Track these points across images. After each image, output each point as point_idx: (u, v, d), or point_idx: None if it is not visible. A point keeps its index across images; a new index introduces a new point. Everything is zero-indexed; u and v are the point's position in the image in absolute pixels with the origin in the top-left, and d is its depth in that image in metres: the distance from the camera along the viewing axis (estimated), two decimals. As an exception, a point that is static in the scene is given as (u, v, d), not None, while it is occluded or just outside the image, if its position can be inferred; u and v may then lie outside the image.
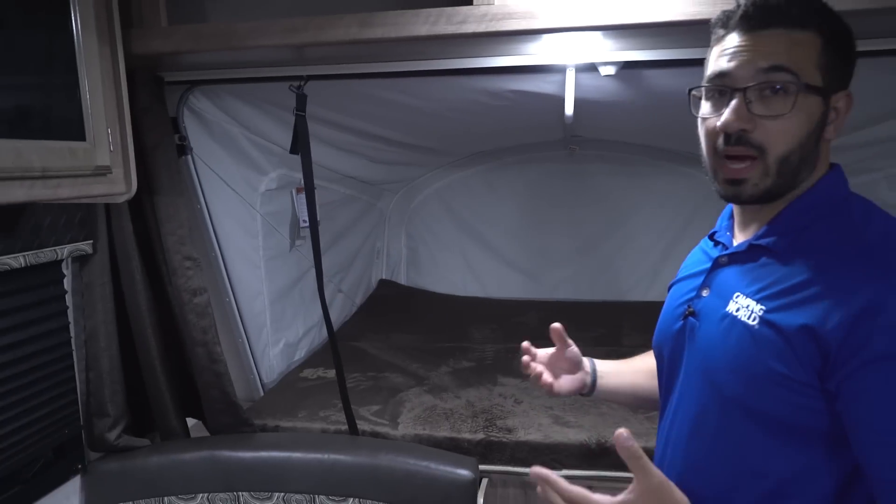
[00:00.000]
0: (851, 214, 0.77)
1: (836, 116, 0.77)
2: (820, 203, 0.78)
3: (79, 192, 1.14)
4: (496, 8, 1.13)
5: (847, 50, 0.77)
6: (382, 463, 1.57)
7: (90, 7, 1.13)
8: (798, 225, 0.77)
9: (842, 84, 0.77)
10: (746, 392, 0.76)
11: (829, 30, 0.75)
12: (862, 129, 1.87)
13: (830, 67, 0.74)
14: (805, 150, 0.76)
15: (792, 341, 0.71)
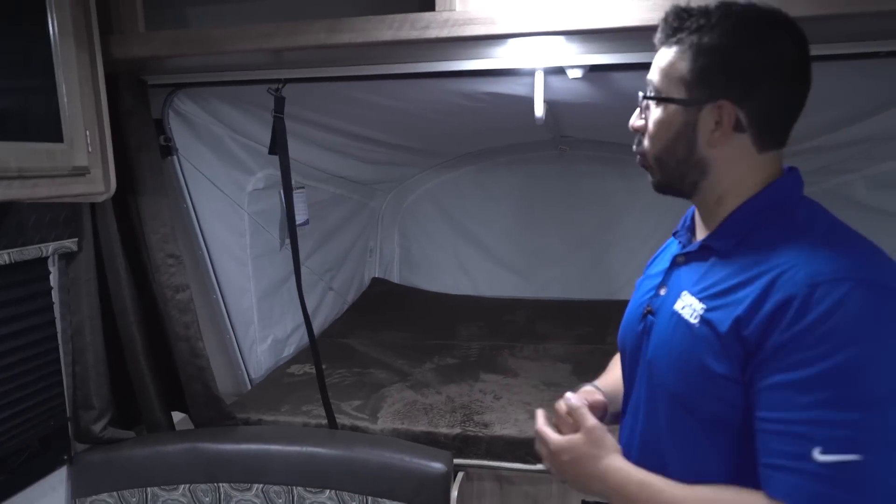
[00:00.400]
0: (795, 217, 0.78)
1: (719, 125, 0.78)
2: (767, 206, 0.79)
3: (57, 192, 1.18)
4: (458, 14, 1.17)
5: (722, 61, 0.77)
6: (359, 456, 1.62)
7: (67, 13, 1.17)
8: (744, 228, 0.80)
9: (723, 94, 0.77)
10: (686, 389, 0.79)
11: (700, 46, 0.77)
12: (837, 130, 1.90)
13: (700, 81, 0.78)
14: (678, 155, 0.81)
15: (724, 340, 0.74)
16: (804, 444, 0.66)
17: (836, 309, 0.67)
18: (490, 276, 3.52)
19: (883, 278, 0.69)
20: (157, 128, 1.75)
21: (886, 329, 0.67)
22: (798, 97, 0.79)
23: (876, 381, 0.65)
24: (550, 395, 2.01)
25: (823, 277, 0.69)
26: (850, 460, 0.64)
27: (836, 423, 0.65)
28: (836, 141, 1.99)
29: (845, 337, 0.66)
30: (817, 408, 0.66)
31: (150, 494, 1.65)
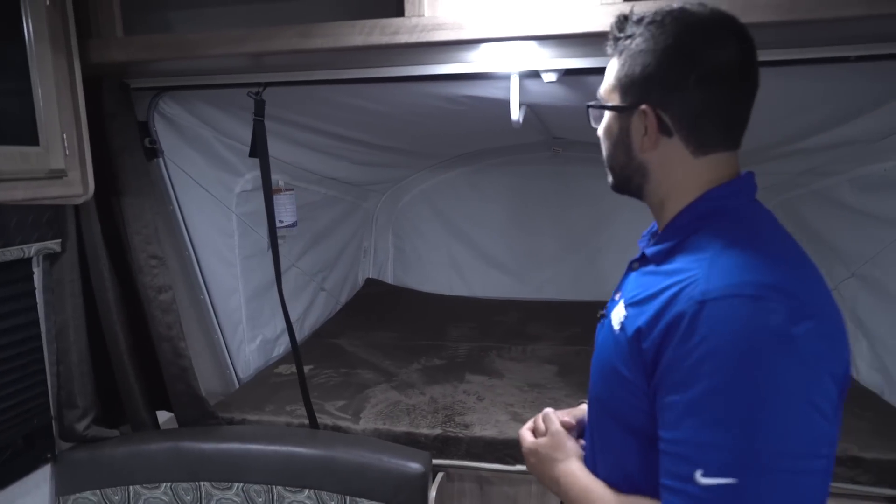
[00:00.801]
0: (717, 230, 0.76)
1: (647, 131, 0.78)
2: (702, 213, 0.78)
3: (33, 194, 1.20)
4: (426, 20, 1.18)
5: (648, 72, 0.76)
6: (338, 456, 1.63)
7: (43, 18, 1.19)
8: (678, 234, 0.79)
9: (645, 99, 0.77)
10: (605, 392, 0.82)
11: (628, 53, 0.78)
12: (821, 132, 1.90)
13: (627, 87, 0.79)
14: (619, 160, 0.84)
15: (631, 345, 0.75)
16: (688, 466, 0.65)
17: (720, 327, 0.65)
18: (484, 277, 3.53)
19: (774, 295, 0.66)
20: (143, 130, 1.77)
21: (767, 351, 0.64)
22: (731, 100, 0.77)
23: (750, 402, 0.63)
24: (533, 396, 2.02)
25: (713, 294, 0.67)
26: (726, 483, 0.63)
27: (715, 445, 0.64)
28: (822, 143, 1.99)
29: (725, 357, 0.64)
30: (699, 429, 0.65)
31: (133, 493, 1.67)
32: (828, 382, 0.66)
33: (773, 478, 0.62)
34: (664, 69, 0.75)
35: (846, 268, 2.15)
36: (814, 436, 0.64)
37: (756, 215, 0.78)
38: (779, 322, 0.64)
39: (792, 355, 0.64)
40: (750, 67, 0.77)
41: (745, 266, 0.69)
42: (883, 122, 1.72)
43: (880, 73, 1.37)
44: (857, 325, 2.08)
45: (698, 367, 0.65)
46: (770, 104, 1.75)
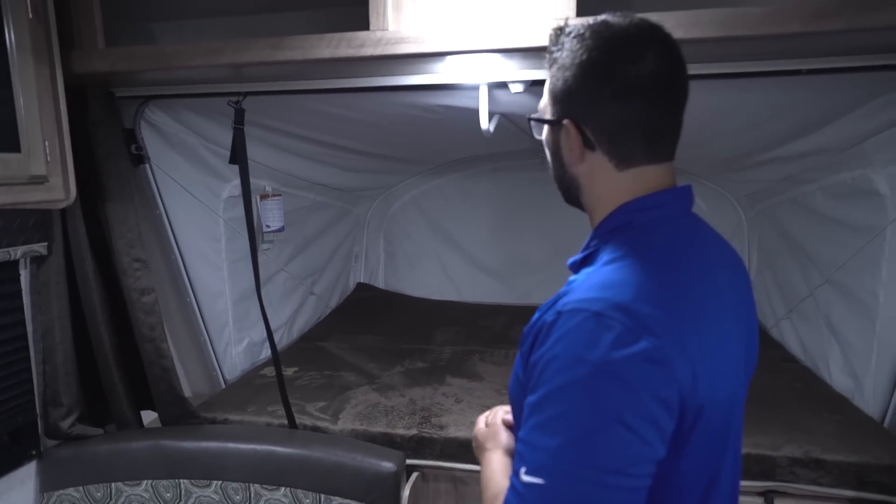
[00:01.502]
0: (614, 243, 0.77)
1: (568, 144, 0.80)
2: (614, 227, 0.79)
3: (14, 199, 1.26)
4: (390, 34, 1.23)
5: (570, 79, 0.77)
6: (313, 455, 1.67)
7: (25, 30, 1.25)
8: (590, 247, 0.82)
9: (568, 113, 0.79)
10: (511, 393, 0.85)
11: (558, 65, 0.79)
12: (789, 142, 1.94)
13: (557, 102, 0.80)
14: (557, 171, 0.86)
15: (523, 348, 0.78)
16: (519, 462, 0.69)
17: (562, 338, 0.68)
18: (473, 282, 3.57)
19: (618, 312, 0.67)
20: (130, 137, 1.83)
21: (591, 368, 0.65)
22: (651, 113, 0.75)
23: (569, 412, 0.66)
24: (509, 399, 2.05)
25: (568, 307, 0.70)
26: (537, 483, 0.66)
27: (537, 446, 0.67)
28: (793, 151, 2.03)
29: (559, 367, 0.67)
30: (532, 429, 0.69)
31: (115, 489, 1.71)
32: (649, 404, 0.66)
33: (576, 486, 0.65)
34: (581, 83, 0.76)
35: (820, 274, 2.19)
36: (624, 454, 0.65)
37: (659, 231, 0.78)
38: (608, 341, 0.66)
39: (611, 376, 0.65)
40: (673, 78, 0.76)
41: (607, 283, 0.71)
42: (846, 132, 1.76)
43: (831, 85, 1.42)
44: (830, 331, 2.12)
45: (542, 373, 0.69)
46: (730, 115, 1.82)
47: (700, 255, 0.79)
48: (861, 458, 1.57)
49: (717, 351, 0.74)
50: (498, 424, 0.97)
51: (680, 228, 0.80)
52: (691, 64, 1.26)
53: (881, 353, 1.82)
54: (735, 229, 3.12)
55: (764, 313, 2.86)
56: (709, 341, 0.72)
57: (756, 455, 1.61)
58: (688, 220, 0.82)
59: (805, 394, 2.03)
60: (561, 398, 0.67)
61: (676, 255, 0.76)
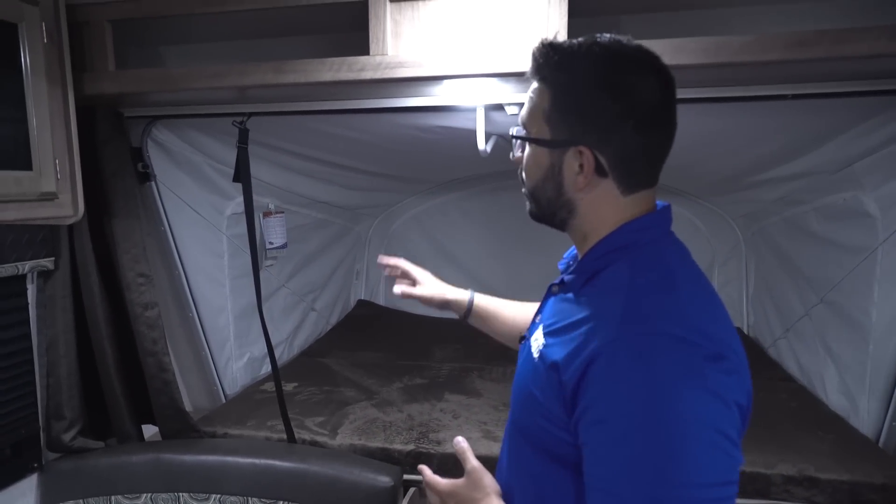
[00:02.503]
0: (634, 263, 0.77)
1: (581, 170, 0.77)
2: (616, 246, 0.79)
3: (25, 215, 1.30)
4: (389, 58, 1.29)
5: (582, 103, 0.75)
6: (311, 469, 1.69)
7: (40, 53, 1.31)
8: (594, 266, 0.80)
9: (581, 139, 0.76)
10: (521, 416, 0.84)
11: (559, 86, 0.77)
12: (780, 164, 1.98)
13: (560, 123, 0.77)
14: (546, 193, 0.82)
15: (548, 375, 0.76)
16: (615, 501, 0.67)
17: (635, 366, 0.67)
18: (473, 301, 3.59)
19: (684, 332, 0.68)
20: (137, 156, 1.88)
21: (681, 384, 0.66)
22: (660, 140, 0.78)
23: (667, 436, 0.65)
24: (507, 415, 2.07)
25: (630, 333, 0.69)
26: None
27: (637, 481, 0.65)
28: (785, 173, 2.07)
29: (643, 394, 0.66)
30: (623, 465, 0.67)
31: (115, 502, 1.73)
32: (735, 412, 0.69)
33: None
34: (601, 110, 0.74)
35: (815, 294, 2.22)
36: (727, 464, 0.67)
37: (667, 249, 0.80)
38: (694, 359, 0.67)
39: (705, 389, 0.66)
40: (674, 108, 0.78)
41: (658, 305, 0.72)
42: (836, 155, 1.80)
43: (818, 110, 1.46)
44: (826, 350, 2.14)
45: (617, 406, 0.67)
46: (722, 138, 1.86)
47: (697, 268, 0.81)
48: (855, 477, 1.58)
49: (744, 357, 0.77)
50: (478, 470, 0.92)
51: (675, 244, 0.82)
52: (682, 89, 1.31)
53: (875, 372, 1.83)
54: (733, 249, 3.15)
55: (762, 333, 2.87)
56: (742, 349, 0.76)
57: (750, 473, 1.62)
58: (673, 236, 0.84)
59: (800, 413, 2.04)
60: (658, 426, 0.65)
61: (691, 269, 0.79)
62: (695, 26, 1.32)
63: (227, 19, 1.47)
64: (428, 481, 0.98)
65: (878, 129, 1.64)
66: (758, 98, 1.35)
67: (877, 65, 1.19)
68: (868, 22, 1.13)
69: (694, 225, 3.20)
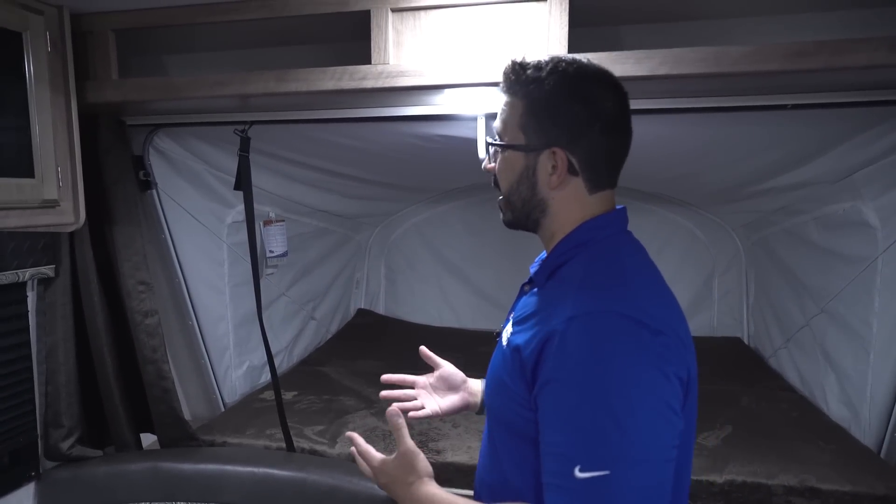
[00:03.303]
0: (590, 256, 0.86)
1: (555, 170, 0.86)
2: (576, 243, 0.87)
3: (26, 222, 1.30)
4: (391, 67, 1.29)
5: (552, 112, 0.85)
6: (311, 477, 1.68)
7: (44, 62, 1.31)
8: (556, 262, 0.88)
9: (551, 142, 0.85)
10: (493, 402, 0.90)
11: (532, 98, 0.85)
12: (780, 174, 1.99)
13: (535, 129, 0.86)
14: (522, 195, 0.89)
15: (513, 358, 0.84)
16: (568, 464, 0.72)
17: (583, 341, 0.74)
18: (473, 309, 3.59)
19: (630, 311, 0.76)
20: (138, 164, 1.89)
21: (627, 356, 0.73)
22: (621, 144, 0.88)
23: (618, 404, 0.72)
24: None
25: (580, 312, 0.76)
26: (600, 475, 0.70)
27: (590, 443, 0.72)
28: (785, 183, 2.08)
29: (589, 366, 0.73)
30: (577, 430, 0.73)
31: (112, 511, 1.72)
32: (675, 383, 0.76)
33: (639, 467, 0.71)
34: (572, 116, 0.84)
35: (816, 304, 2.22)
36: (669, 429, 0.74)
37: (621, 245, 0.88)
38: (638, 334, 0.74)
39: (650, 362, 0.74)
40: (629, 117, 0.88)
41: (608, 289, 0.80)
42: (835, 165, 1.81)
43: (818, 120, 1.47)
44: (827, 360, 2.13)
45: (569, 375, 0.74)
46: (721, 148, 1.87)
47: (651, 262, 0.89)
48: (856, 488, 1.57)
49: (690, 340, 0.84)
50: (410, 452, 0.94)
51: (630, 241, 0.90)
52: (680, 98, 1.32)
53: (876, 382, 1.83)
54: (733, 259, 3.15)
55: (762, 343, 2.87)
56: (685, 333, 0.83)
57: (752, 483, 1.61)
58: (630, 235, 0.92)
59: (801, 423, 2.03)
60: (601, 393, 0.72)
61: (643, 262, 0.88)
62: (694, 37, 1.33)
63: (229, 29, 1.48)
64: (361, 450, 1.02)
65: (878, 139, 1.65)
66: (757, 108, 1.36)
67: (876, 75, 1.20)
68: (867, 33, 1.14)
69: (694, 235, 3.21)
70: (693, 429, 0.87)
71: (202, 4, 1.37)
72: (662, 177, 2.57)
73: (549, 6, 1.24)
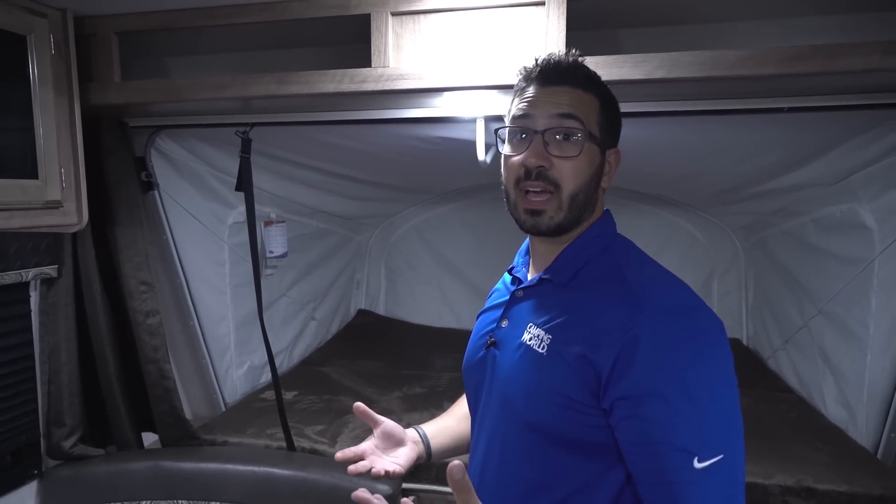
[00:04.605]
0: (614, 254, 0.89)
1: (610, 169, 0.91)
2: (593, 243, 0.89)
3: (30, 223, 1.32)
4: (391, 70, 1.31)
5: (615, 114, 0.91)
6: (310, 477, 1.70)
7: (48, 64, 1.33)
8: (576, 263, 0.88)
9: (613, 142, 0.91)
10: (539, 414, 0.84)
11: (603, 96, 0.89)
12: (778, 175, 2.00)
13: (604, 126, 0.89)
14: (588, 191, 0.87)
15: (573, 367, 0.81)
16: (687, 458, 0.75)
17: (671, 337, 0.77)
18: (473, 310, 3.53)
19: (692, 301, 0.82)
20: (140, 165, 1.90)
21: (710, 345, 0.79)
22: None
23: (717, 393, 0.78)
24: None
25: (656, 310, 0.79)
26: (717, 460, 0.75)
27: (702, 435, 0.76)
28: (783, 185, 2.09)
29: (689, 364, 0.77)
30: (688, 428, 0.76)
31: (114, 509, 1.73)
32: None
33: (739, 447, 0.79)
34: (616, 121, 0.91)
35: (814, 305, 2.22)
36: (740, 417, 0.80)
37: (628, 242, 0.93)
38: (716, 327, 0.81)
39: (727, 354, 0.80)
40: None
41: (672, 285, 0.84)
42: (832, 167, 1.82)
43: (814, 123, 1.48)
44: (825, 361, 2.14)
45: (673, 381, 0.76)
46: (719, 150, 1.88)
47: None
48: (852, 488, 1.58)
49: None
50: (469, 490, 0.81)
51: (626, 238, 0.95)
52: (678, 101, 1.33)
53: (873, 383, 1.84)
54: (732, 260, 3.16)
55: (761, 344, 2.88)
56: None
57: (749, 483, 1.62)
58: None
59: (799, 424, 2.04)
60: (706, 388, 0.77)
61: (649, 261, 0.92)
62: (691, 40, 1.34)
63: (231, 31, 1.49)
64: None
65: (874, 142, 1.66)
66: (754, 111, 1.37)
67: (871, 79, 1.21)
68: (862, 37, 1.15)
69: (693, 236, 3.22)
70: None
71: (204, 8, 1.38)
72: (661, 178, 2.58)
73: (547, 10, 1.25)
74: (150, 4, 1.40)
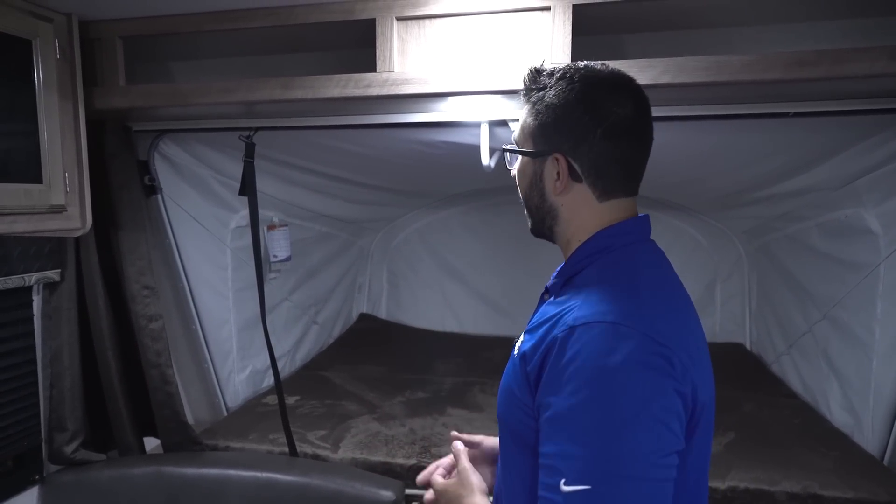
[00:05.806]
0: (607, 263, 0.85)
1: (558, 176, 0.86)
2: (592, 251, 0.86)
3: (34, 227, 1.31)
4: (396, 75, 1.31)
5: (558, 123, 0.84)
6: (313, 483, 1.69)
7: (53, 69, 1.33)
8: (572, 269, 0.87)
9: (557, 148, 0.85)
10: (503, 412, 0.88)
11: (545, 103, 0.85)
12: (782, 180, 1.99)
13: (540, 135, 0.86)
14: (535, 202, 0.90)
15: (521, 366, 0.82)
16: (556, 476, 0.72)
17: (582, 350, 0.73)
18: (475, 314, 3.60)
19: (631, 323, 0.74)
20: (143, 169, 1.90)
21: (622, 369, 0.71)
22: (632, 152, 0.86)
23: (604, 416, 0.71)
24: (509, 430, 2.07)
25: (582, 320, 0.75)
26: (582, 490, 0.69)
27: (575, 455, 0.71)
28: (787, 189, 2.09)
29: (587, 377, 0.72)
30: (565, 441, 0.72)
31: (115, 515, 1.72)
32: (673, 397, 0.73)
33: (622, 484, 0.69)
34: (572, 121, 0.83)
35: (818, 310, 2.22)
36: (659, 446, 0.71)
37: (639, 254, 0.86)
38: (630, 347, 0.72)
39: (638, 375, 0.72)
40: (648, 122, 0.86)
41: (613, 298, 0.78)
42: (837, 172, 1.82)
43: (819, 128, 1.47)
44: (829, 366, 2.13)
45: (565, 385, 0.73)
46: (724, 154, 1.88)
47: (671, 275, 0.88)
48: (858, 495, 1.57)
49: (703, 359, 0.82)
50: (467, 469, 0.97)
51: (650, 251, 0.88)
52: (683, 106, 1.33)
53: (878, 389, 1.83)
54: (735, 265, 3.15)
55: (764, 349, 2.87)
56: (697, 351, 0.80)
57: (754, 490, 1.61)
58: (651, 244, 0.90)
59: (804, 430, 2.03)
60: (592, 405, 0.71)
61: (659, 274, 0.86)
62: (697, 45, 1.34)
63: (235, 36, 1.49)
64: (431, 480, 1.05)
65: (879, 146, 1.66)
66: (759, 116, 1.37)
67: (876, 84, 1.21)
68: (867, 42, 1.15)
69: (696, 241, 3.21)
70: (708, 445, 0.85)
71: (210, 12, 1.38)
72: (665, 183, 2.58)
73: (552, 15, 1.25)
74: (156, 9, 1.40)
